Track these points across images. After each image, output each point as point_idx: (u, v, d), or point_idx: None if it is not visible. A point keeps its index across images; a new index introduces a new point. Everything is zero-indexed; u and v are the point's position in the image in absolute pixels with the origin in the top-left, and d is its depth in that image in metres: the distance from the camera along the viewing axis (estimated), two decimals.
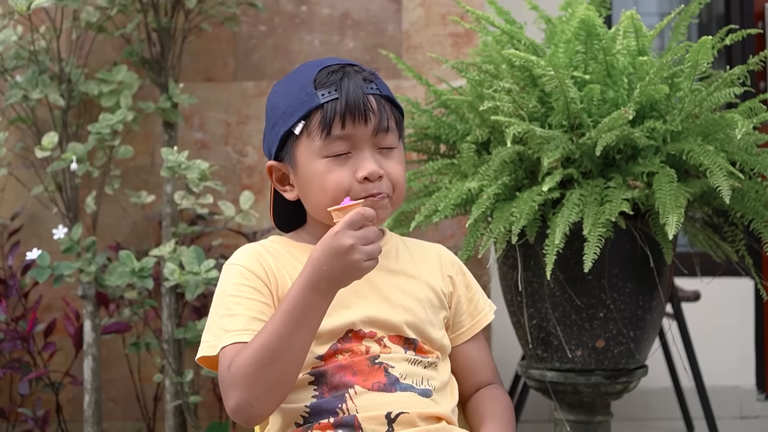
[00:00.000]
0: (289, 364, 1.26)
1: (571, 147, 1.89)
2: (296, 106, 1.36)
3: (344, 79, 1.35)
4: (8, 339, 2.38)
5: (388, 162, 1.36)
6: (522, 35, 1.99)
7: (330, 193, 1.34)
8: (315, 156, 1.35)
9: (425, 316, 1.39)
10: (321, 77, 1.36)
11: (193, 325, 2.28)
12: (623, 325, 2.00)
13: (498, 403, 1.43)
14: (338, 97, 1.33)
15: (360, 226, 1.24)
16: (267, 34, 2.67)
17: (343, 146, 1.34)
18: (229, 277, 1.36)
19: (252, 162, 2.66)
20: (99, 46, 2.55)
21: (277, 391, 1.28)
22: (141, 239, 2.59)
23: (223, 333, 1.32)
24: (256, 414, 1.28)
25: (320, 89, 1.35)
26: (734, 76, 1.90)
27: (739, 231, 2.02)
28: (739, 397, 3.60)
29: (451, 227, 2.59)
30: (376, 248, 1.25)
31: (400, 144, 1.40)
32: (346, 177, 1.34)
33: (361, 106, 1.33)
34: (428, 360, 1.37)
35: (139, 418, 2.58)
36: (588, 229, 1.82)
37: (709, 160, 1.82)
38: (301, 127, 1.35)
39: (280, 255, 1.39)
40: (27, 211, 2.58)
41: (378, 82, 1.38)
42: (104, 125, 2.30)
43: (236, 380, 1.26)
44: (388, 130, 1.36)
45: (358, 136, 1.34)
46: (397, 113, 1.40)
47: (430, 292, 1.42)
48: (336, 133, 1.33)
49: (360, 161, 1.34)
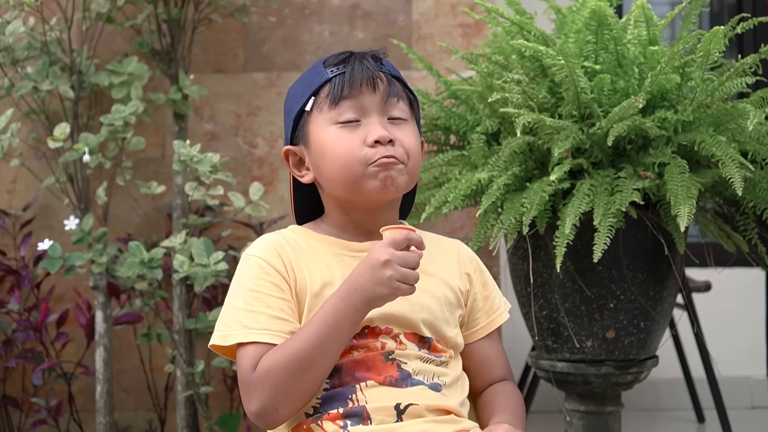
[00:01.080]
0: (319, 373, 1.28)
1: (581, 137, 1.89)
2: (307, 86, 1.39)
3: (353, 57, 1.38)
4: (21, 329, 2.40)
5: (399, 131, 1.37)
6: (532, 26, 1.98)
7: (342, 159, 1.34)
8: (326, 125, 1.36)
9: (441, 314, 1.39)
10: (331, 58, 1.39)
11: (203, 316, 2.29)
12: (634, 315, 2.00)
13: (509, 397, 1.44)
14: (346, 71, 1.36)
15: (404, 248, 1.25)
16: (277, 25, 2.67)
17: (352, 113, 1.35)
18: (249, 269, 1.36)
19: (262, 153, 2.66)
20: (109, 37, 2.55)
21: (303, 398, 1.30)
22: (152, 230, 2.59)
23: (240, 327, 1.32)
24: (280, 418, 1.30)
25: (329, 67, 1.38)
26: (746, 65, 1.89)
27: (751, 221, 2.02)
28: (750, 388, 3.60)
29: (461, 218, 2.59)
30: (413, 275, 1.25)
31: (412, 120, 1.41)
32: (357, 143, 1.34)
33: (369, 74, 1.36)
34: (441, 359, 1.38)
35: (151, 408, 2.59)
36: (598, 219, 1.82)
37: (720, 151, 1.81)
38: (311, 103, 1.37)
39: (299, 246, 1.39)
40: (38, 202, 2.59)
41: (388, 64, 1.41)
42: (117, 117, 2.31)
43: (264, 385, 1.28)
44: (398, 98, 1.37)
45: (367, 103, 1.35)
46: (408, 94, 1.42)
47: (448, 290, 1.42)
48: (345, 99, 1.35)
49: (370, 126, 1.35)
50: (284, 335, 1.31)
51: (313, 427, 1.32)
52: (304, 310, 1.34)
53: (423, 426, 1.31)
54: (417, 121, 1.43)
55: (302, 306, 1.35)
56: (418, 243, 1.27)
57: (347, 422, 1.30)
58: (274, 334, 1.31)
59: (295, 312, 1.34)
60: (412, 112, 1.41)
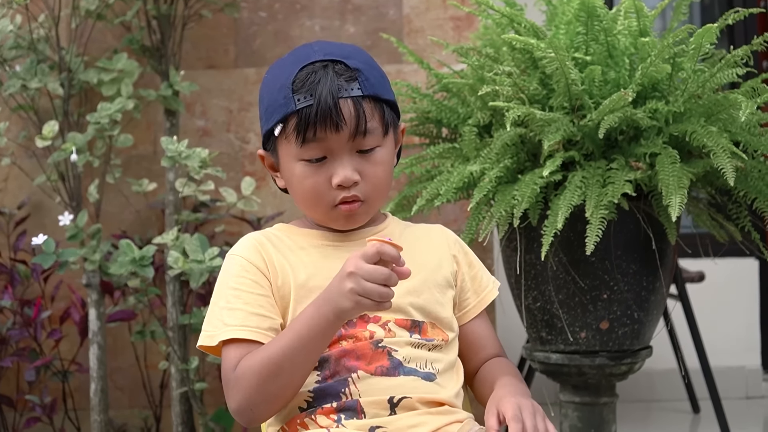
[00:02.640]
0: (289, 380, 1.29)
1: (572, 129, 1.89)
2: (275, 108, 1.36)
3: (320, 83, 1.33)
4: (15, 327, 2.39)
5: (367, 164, 1.36)
6: (522, 18, 1.98)
7: (308, 196, 1.36)
8: (293, 158, 1.36)
9: (431, 296, 1.40)
10: (300, 79, 1.34)
11: (198, 312, 2.29)
12: (627, 306, 2.00)
13: (508, 366, 1.45)
14: (312, 104, 1.32)
15: (375, 261, 1.23)
16: (267, 20, 2.66)
17: (319, 151, 1.34)
18: (230, 269, 1.38)
19: (254, 149, 2.66)
20: (99, 34, 2.54)
21: (276, 402, 1.31)
22: (145, 227, 2.59)
23: (222, 326, 1.34)
24: (256, 418, 1.32)
25: (297, 93, 1.33)
26: (737, 56, 1.89)
27: (743, 209, 2.02)
28: (744, 378, 3.61)
29: (454, 211, 2.59)
30: (376, 290, 1.22)
31: (386, 139, 1.38)
32: (322, 182, 1.35)
33: (333, 114, 1.32)
34: (433, 342, 1.38)
35: (146, 405, 2.59)
36: (590, 211, 1.82)
37: (712, 141, 1.81)
38: (279, 129, 1.36)
39: (282, 243, 1.40)
40: (30, 200, 2.59)
41: (362, 79, 1.35)
42: (103, 115, 2.30)
43: (239, 385, 1.30)
44: (366, 133, 1.34)
45: (333, 142, 1.34)
46: (384, 108, 1.37)
47: (437, 273, 1.42)
48: (310, 140, 1.33)
49: (335, 167, 1.34)
50: (262, 331, 1.33)
51: (307, 422, 1.33)
52: (290, 303, 1.35)
53: (417, 419, 1.31)
54: (395, 125, 1.40)
55: (287, 300, 1.36)
56: (392, 258, 1.23)
57: (341, 416, 1.31)
58: (253, 330, 1.33)
59: (276, 308, 1.36)
60: (385, 129, 1.38)
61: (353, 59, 1.36)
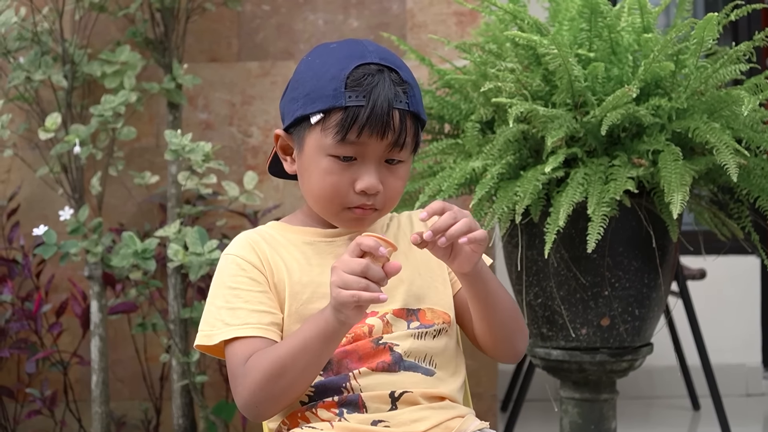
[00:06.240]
0: (293, 381, 1.29)
1: (575, 126, 1.88)
2: (320, 96, 1.33)
3: (377, 87, 1.31)
4: (15, 319, 2.40)
5: (390, 177, 1.35)
6: (525, 14, 1.98)
7: (325, 193, 1.35)
8: (322, 151, 1.34)
9: (424, 281, 1.40)
10: (355, 77, 1.32)
11: (198, 305, 2.29)
12: (628, 303, 2.00)
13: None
14: (364, 106, 1.30)
15: (359, 255, 1.22)
16: (270, 13, 2.66)
17: (352, 152, 1.33)
18: (227, 268, 1.38)
19: (256, 142, 2.66)
20: (102, 26, 2.54)
21: (280, 401, 1.32)
22: (147, 220, 2.59)
23: (223, 326, 1.34)
24: (261, 414, 1.33)
25: (350, 90, 1.31)
26: (740, 52, 1.89)
27: (745, 208, 2.02)
28: (744, 375, 3.61)
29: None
30: (354, 281, 1.20)
31: (410, 157, 1.39)
32: (345, 183, 1.34)
33: (383, 121, 1.30)
34: (434, 328, 1.37)
35: (147, 398, 2.59)
36: (592, 208, 1.82)
37: (715, 138, 1.81)
38: (318, 118, 1.33)
39: (275, 241, 1.40)
40: (33, 192, 2.59)
41: (411, 94, 1.34)
42: (106, 107, 2.31)
43: (246, 382, 1.31)
44: (403, 146, 1.34)
45: (370, 148, 1.33)
46: (418, 128, 1.38)
47: (426, 255, 1.40)
48: (351, 140, 1.32)
49: (363, 172, 1.33)
50: (265, 326, 1.33)
51: (308, 415, 1.33)
52: (285, 298, 1.36)
53: (419, 413, 1.32)
54: (417, 145, 1.40)
55: (283, 295, 1.36)
56: (371, 248, 1.21)
57: (343, 410, 1.31)
58: (255, 327, 1.33)
59: (276, 302, 1.36)
60: (414, 147, 1.38)
61: (404, 72, 1.35)
